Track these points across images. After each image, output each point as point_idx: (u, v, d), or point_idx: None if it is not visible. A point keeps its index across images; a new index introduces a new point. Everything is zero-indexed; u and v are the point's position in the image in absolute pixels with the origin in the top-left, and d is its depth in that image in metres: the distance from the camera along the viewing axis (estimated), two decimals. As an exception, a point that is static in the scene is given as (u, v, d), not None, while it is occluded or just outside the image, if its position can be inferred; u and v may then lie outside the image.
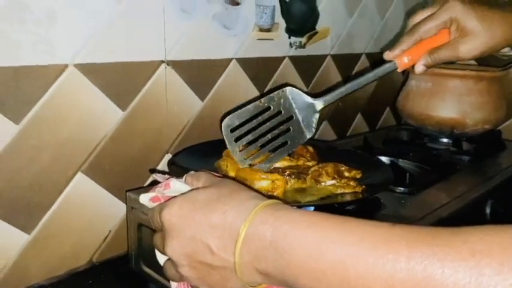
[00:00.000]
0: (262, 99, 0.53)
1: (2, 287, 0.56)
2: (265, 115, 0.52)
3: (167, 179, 0.40)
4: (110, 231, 0.66)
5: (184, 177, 0.40)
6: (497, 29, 0.50)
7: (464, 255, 0.23)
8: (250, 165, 0.54)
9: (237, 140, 0.52)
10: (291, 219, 0.30)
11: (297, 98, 0.53)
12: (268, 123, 0.52)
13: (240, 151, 0.53)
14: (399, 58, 0.53)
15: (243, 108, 0.52)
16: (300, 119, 0.53)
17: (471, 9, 0.50)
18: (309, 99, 0.53)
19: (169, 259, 0.36)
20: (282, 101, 0.53)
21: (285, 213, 0.31)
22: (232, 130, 0.52)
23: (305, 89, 0.92)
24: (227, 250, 0.31)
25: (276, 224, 0.30)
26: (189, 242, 0.33)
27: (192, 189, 0.37)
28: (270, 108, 0.52)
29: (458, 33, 0.51)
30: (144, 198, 0.40)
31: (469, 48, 0.50)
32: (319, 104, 0.53)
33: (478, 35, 0.49)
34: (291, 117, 0.53)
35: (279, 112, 0.53)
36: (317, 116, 0.53)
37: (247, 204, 0.32)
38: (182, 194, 0.36)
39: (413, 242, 0.25)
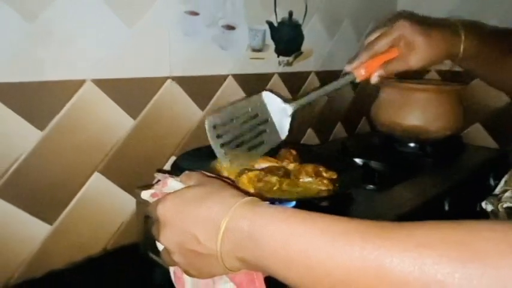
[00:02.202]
0: (241, 102, 0.51)
1: (28, 271, 0.56)
2: (244, 116, 0.50)
3: (165, 178, 0.40)
4: (122, 222, 0.66)
5: (180, 176, 0.40)
6: (439, 45, 0.51)
7: (409, 247, 0.23)
8: (230, 161, 0.51)
9: (218, 136, 0.50)
10: (266, 215, 0.30)
11: (271, 101, 0.51)
12: (247, 124, 0.51)
13: (222, 146, 0.50)
14: (357, 70, 0.53)
15: (225, 109, 0.50)
16: (275, 121, 0.51)
17: (417, 28, 0.51)
18: (281, 103, 0.51)
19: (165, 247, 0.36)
20: (258, 104, 0.51)
21: (261, 209, 0.31)
22: (215, 127, 0.49)
23: (292, 101, 0.92)
24: (211, 240, 0.31)
25: (253, 218, 0.30)
26: (179, 232, 0.33)
27: (185, 187, 0.37)
28: (248, 110, 0.50)
29: (406, 48, 0.51)
30: (146, 194, 0.40)
31: (416, 60, 0.51)
32: (290, 108, 0.51)
33: (422, 49, 0.50)
34: (266, 120, 0.51)
35: (256, 114, 0.51)
36: (289, 119, 0.51)
37: (229, 200, 0.32)
38: (175, 191, 0.37)
39: (366, 235, 0.25)
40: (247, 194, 0.34)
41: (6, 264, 0.54)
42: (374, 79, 0.53)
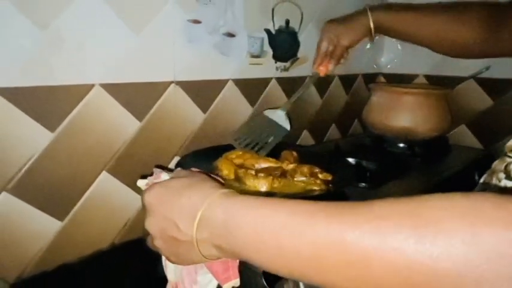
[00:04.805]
0: (252, 121, 0.71)
1: (40, 265, 0.56)
2: (257, 130, 0.69)
3: (160, 172, 0.41)
4: (128, 219, 0.66)
5: (173, 172, 0.41)
6: (354, 26, 0.68)
7: (368, 220, 0.24)
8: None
9: (240, 143, 0.66)
10: (239, 203, 0.31)
11: (271, 113, 0.71)
12: (259, 133, 0.68)
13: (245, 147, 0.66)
14: (318, 69, 0.72)
15: (242, 128, 0.71)
16: (278, 122, 0.70)
17: (335, 22, 0.70)
18: (277, 110, 0.71)
19: None
20: (264, 119, 0.70)
21: (236, 199, 0.31)
22: (236, 139, 0.67)
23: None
24: (189, 228, 0.32)
25: (226, 206, 0.31)
26: (161, 219, 0.33)
27: (171, 178, 0.38)
28: (258, 126, 0.70)
29: (337, 38, 0.69)
30: (141, 183, 0.41)
31: (345, 41, 0.69)
32: (283, 111, 0.71)
33: (345, 33, 0.68)
34: (272, 124, 0.70)
35: (263, 124, 0.70)
36: (286, 116, 0.70)
37: (208, 191, 0.33)
38: (162, 181, 0.37)
39: (331, 213, 0.26)
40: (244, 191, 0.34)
41: (20, 258, 0.54)
42: (331, 70, 0.72)
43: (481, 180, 0.54)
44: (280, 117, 0.69)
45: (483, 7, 0.61)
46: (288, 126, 0.69)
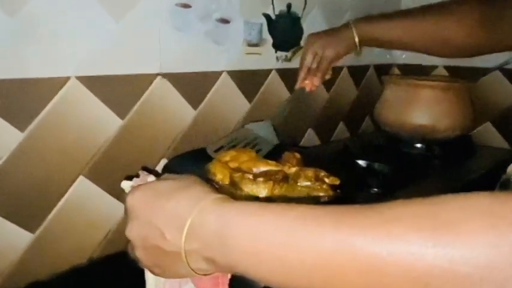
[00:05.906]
0: (232, 134, 0.73)
1: (8, 283, 0.55)
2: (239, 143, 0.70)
3: (146, 175, 0.40)
4: (109, 230, 0.65)
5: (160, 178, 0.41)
6: (339, 38, 0.72)
7: (380, 223, 0.24)
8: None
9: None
10: (235, 209, 0.30)
11: (255, 127, 0.74)
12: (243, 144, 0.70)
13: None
14: (304, 84, 0.74)
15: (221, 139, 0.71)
16: (263, 135, 0.73)
17: (320, 34, 0.74)
18: (263, 123, 0.75)
19: None
20: (247, 133, 0.73)
21: (231, 205, 0.31)
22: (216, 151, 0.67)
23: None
24: (177, 237, 0.31)
25: (220, 213, 0.30)
26: (145, 225, 0.33)
27: (159, 180, 0.37)
28: (240, 139, 0.71)
29: (322, 50, 0.72)
30: (126, 184, 0.41)
31: (330, 52, 0.72)
32: (269, 122, 0.75)
33: (331, 44, 0.72)
34: (256, 139, 0.72)
35: (245, 139, 0.71)
36: (272, 129, 0.74)
37: (199, 196, 0.32)
38: (149, 182, 0.37)
39: (338, 217, 0.26)
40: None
41: (-16, 275, 0.54)
42: (317, 84, 0.74)
43: (501, 179, 0.55)
44: (265, 130, 0.72)
45: (476, 2, 0.63)
46: (275, 140, 0.72)
